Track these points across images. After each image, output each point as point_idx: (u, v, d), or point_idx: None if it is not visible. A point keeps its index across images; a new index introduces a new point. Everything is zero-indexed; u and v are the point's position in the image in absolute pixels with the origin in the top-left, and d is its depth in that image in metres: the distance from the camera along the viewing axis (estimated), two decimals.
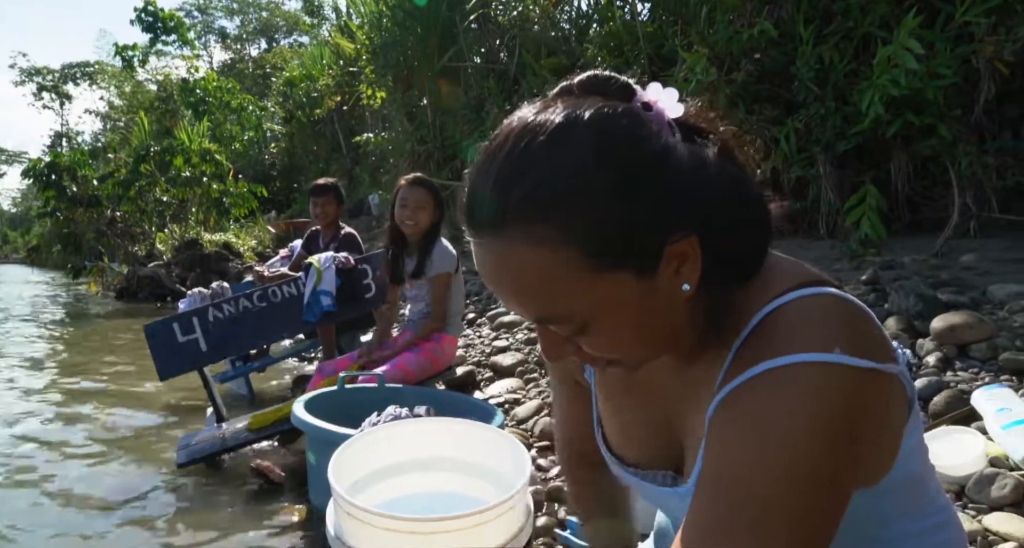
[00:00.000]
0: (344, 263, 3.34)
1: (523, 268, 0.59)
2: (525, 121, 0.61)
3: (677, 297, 0.63)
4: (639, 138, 0.60)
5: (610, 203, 0.57)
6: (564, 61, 6.17)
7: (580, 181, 0.57)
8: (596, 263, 0.59)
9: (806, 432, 0.56)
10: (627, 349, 0.66)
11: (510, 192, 0.58)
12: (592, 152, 0.58)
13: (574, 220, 0.57)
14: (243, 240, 11.97)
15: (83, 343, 6.98)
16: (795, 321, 0.61)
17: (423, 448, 1.70)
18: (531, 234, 0.58)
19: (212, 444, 2.86)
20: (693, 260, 0.62)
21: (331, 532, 1.37)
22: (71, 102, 42.71)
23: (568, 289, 0.60)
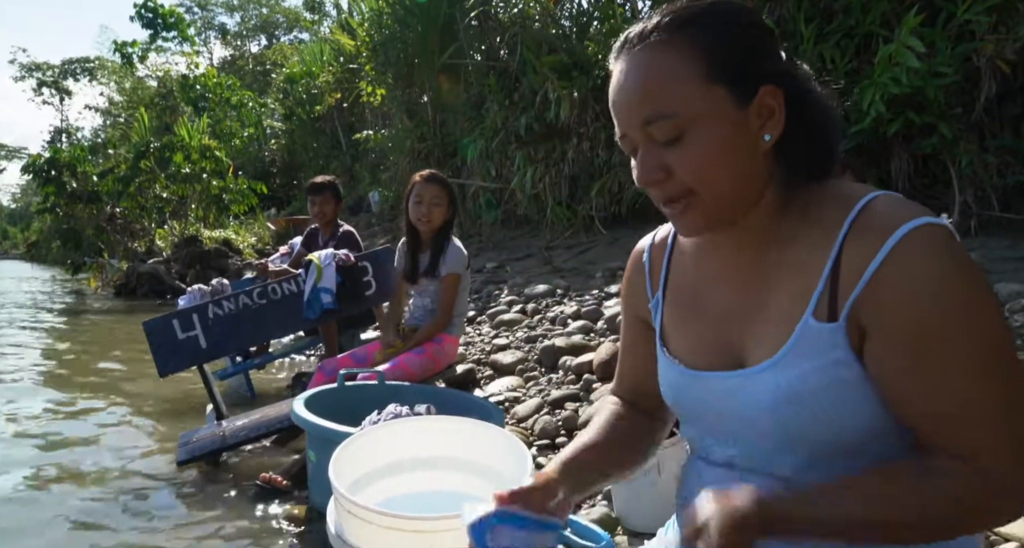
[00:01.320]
0: (344, 260, 3.34)
1: (655, 66, 0.76)
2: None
3: (760, 144, 0.76)
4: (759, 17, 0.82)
5: (732, 34, 0.76)
6: (565, 59, 6.16)
7: (716, 15, 0.77)
8: (709, 73, 0.74)
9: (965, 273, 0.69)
10: (712, 171, 0.76)
11: (666, 15, 0.77)
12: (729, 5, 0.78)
13: (703, 36, 0.75)
14: (243, 237, 11.97)
15: (82, 339, 6.98)
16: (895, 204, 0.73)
17: (424, 447, 1.69)
18: (669, 43, 0.76)
19: (212, 442, 2.86)
20: (777, 115, 0.76)
21: (332, 531, 1.37)
22: (71, 98, 42.66)
23: (682, 87, 0.74)
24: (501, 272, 5.80)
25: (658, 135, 0.76)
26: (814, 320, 0.74)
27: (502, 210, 7.45)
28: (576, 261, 5.39)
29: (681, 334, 0.91)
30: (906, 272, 0.68)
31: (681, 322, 0.91)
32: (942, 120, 3.55)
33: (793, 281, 0.78)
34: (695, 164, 0.76)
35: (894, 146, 3.86)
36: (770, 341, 0.78)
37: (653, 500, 1.78)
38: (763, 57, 0.77)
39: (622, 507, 1.84)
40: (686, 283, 0.92)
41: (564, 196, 6.27)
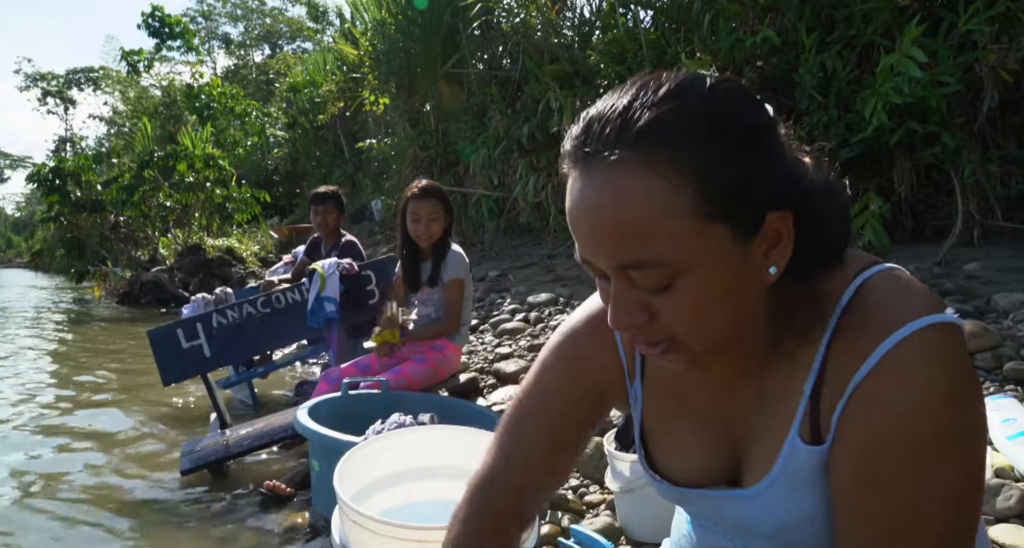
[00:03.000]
0: (348, 269, 3.35)
1: (635, 200, 0.58)
2: (642, 77, 0.64)
3: (762, 278, 0.63)
4: (760, 107, 0.64)
5: (729, 152, 0.59)
6: (567, 68, 6.18)
7: (705, 125, 0.59)
8: (707, 209, 0.58)
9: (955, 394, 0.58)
10: (702, 320, 0.63)
11: (637, 120, 0.59)
12: (719, 102, 0.60)
13: (694, 160, 0.58)
14: (246, 245, 11.99)
15: (86, 348, 6.98)
16: (890, 294, 0.63)
17: (427, 456, 1.70)
18: (653, 163, 0.58)
19: (216, 450, 2.86)
20: (785, 242, 0.62)
21: (337, 540, 1.37)
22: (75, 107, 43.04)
23: (673, 230, 0.58)
24: (503, 281, 5.80)
25: (640, 281, 0.62)
26: (800, 442, 0.66)
27: (504, 219, 7.46)
28: (578, 269, 5.39)
29: (667, 443, 0.81)
30: (888, 387, 0.59)
31: (667, 427, 0.80)
32: (944, 129, 3.56)
33: (779, 396, 0.69)
34: (685, 313, 0.62)
35: (896, 155, 3.86)
36: (761, 462, 0.71)
37: (657, 510, 1.78)
38: (772, 176, 0.61)
39: (626, 517, 1.84)
40: (667, 381, 0.79)
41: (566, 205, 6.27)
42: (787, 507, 0.68)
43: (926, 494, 0.59)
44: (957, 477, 0.59)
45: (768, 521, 0.70)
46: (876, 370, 0.60)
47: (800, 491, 0.67)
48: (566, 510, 2.00)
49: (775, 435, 0.69)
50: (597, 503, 2.04)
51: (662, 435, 0.81)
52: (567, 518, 1.95)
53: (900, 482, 0.59)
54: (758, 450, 0.71)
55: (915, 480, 0.59)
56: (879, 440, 0.60)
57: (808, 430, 0.66)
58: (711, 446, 0.76)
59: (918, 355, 0.59)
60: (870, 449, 0.60)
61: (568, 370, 0.84)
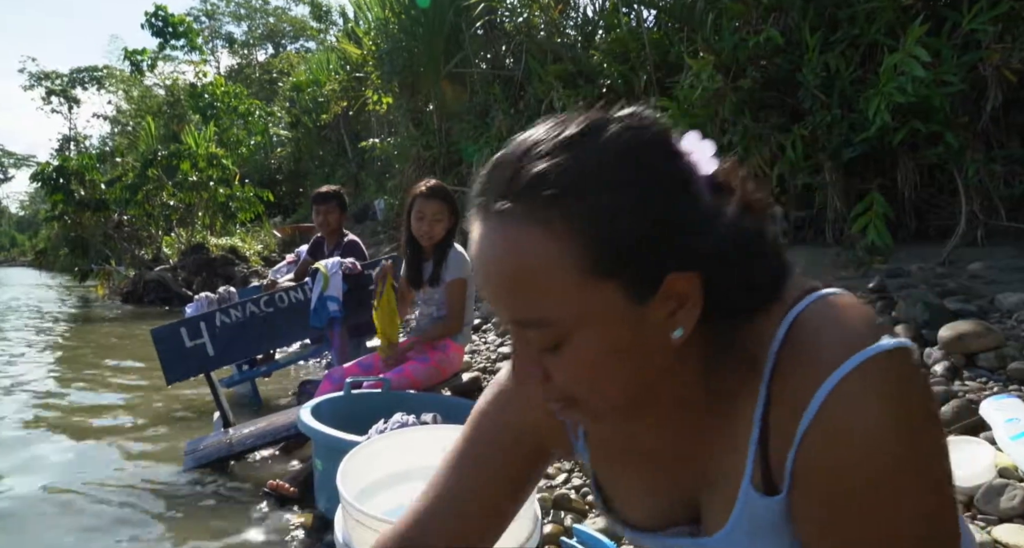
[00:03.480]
0: (351, 269, 3.36)
1: (519, 253, 0.56)
2: (556, 118, 0.60)
3: (666, 342, 0.59)
4: (669, 153, 0.59)
5: (624, 206, 0.55)
6: (570, 68, 6.18)
7: (600, 175, 0.55)
8: (593, 266, 0.55)
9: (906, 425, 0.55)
10: (596, 383, 0.60)
11: (528, 169, 0.56)
12: (620, 151, 0.57)
13: (583, 213, 0.55)
14: (249, 244, 12.01)
15: (89, 346, 7.00)
16: (821, 332, 0.59)
17: (430, 455, 1.70)
18: (536, 216, 0.55)
19: (219, 449, 2.87)
20: (692, 304, 0.58)
21: (340, 539, 1.38)
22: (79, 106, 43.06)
23: (557, 287, 0.56)
24: None
25: (531, 339, 0.60)
26: (754, 492, 0.62)
27: None
28: None
29: (621, 490, 0.77)
30: (835, 431, 0.55)
31: (619, 476, 0.77)
32: (948, 129, 3.55)
33: (726, 445, 0.65)
34: (577, 376, 0.60)
35: (900, 155, 3.86)
36: (719, 510, 0.67)
37: None
38: (675, 233, 0.56)
39: None
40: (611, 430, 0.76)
41: None
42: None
43: (897, 530, 0.56)
44: (925, 506, 0.56)
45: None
46: (819, 415, 0.56)
47: (763, 540, 0.64)
48: (569, 510, 2.01)
49: (730, 483, 0.65)
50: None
51: (614, 479, 0.78)
52: (570, 517, 1.95)
53: (868, 523, 0.56)
54: (714, 498, 0.68)
55: (883, 519, 0.56)
56: (837, 486, 0.56)
57: (761, 479, 0.62)
58: (666, 490, 0.73)
59: (860, 392, 0.55)
60: (830, 496, 0.57)
61: (504, 417, 0.80)
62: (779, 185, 4.29)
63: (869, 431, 0.54)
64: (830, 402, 0.55)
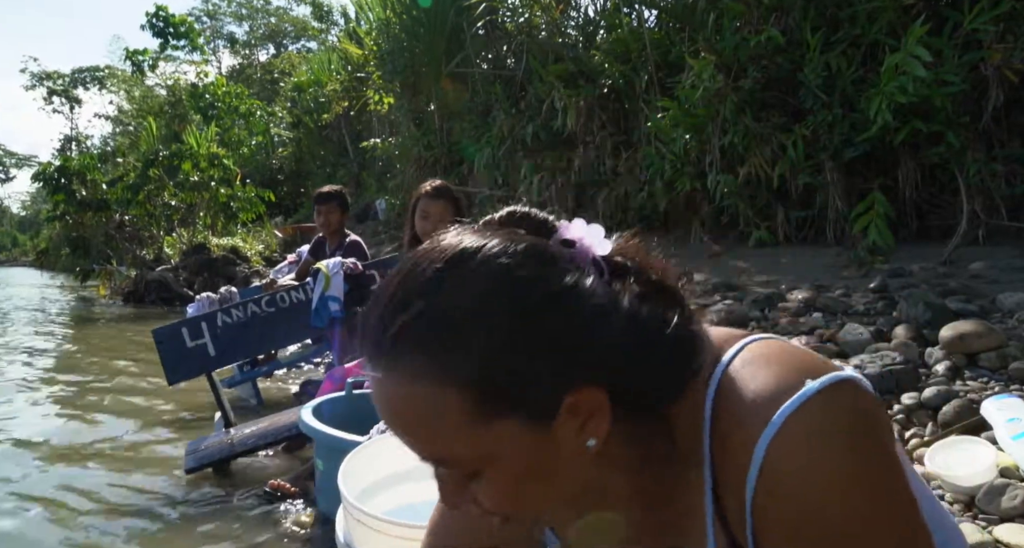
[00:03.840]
0: (352, 269, 3.36)
1: (404, 404, 0.55)
2: (432, 246, 0.58)
3: (583, 453, 0.58)
4: (537, 278, 0.56)
5: (494, 345, 0.53)
6: (571, 67, 6.18)
7: (464, 316, 0.53)
8: (480, 409, 0.53)
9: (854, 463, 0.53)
10: (522, 504, 0.59)
11: (393, 321, 0.55)
12: (483, 287, 0.54)
13: (454, 359, 0.53)
14: (250, 244, 12.01)
15: (90, 346, 7.01)
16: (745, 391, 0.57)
17: None
18: (410, 369, 0.54)
19: (220, 449, 2.87)
20: (600, 414, 0.56)
21: (341, 539, 1.38)
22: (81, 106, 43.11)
23: (451, 433, 0.54)
24: None
25: (446, 476, 0.60)
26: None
27: None
28: None
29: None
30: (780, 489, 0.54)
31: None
32: (949, 129, 3.55)
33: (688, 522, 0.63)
34: (500, 501, 0.59)
35: (901, 154, 3.86)
36: None
37: None
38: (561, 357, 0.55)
39: None
40: None
41: (571, 204, 6.29)
42: None
43: None
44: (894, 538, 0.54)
45: None
46: (763, 473, 0.54)
47: None
48: None
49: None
50: None
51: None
52: None
53: None
54: None
55: None
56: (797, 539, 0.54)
57: None
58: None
59: (798, 439, 0.53)
60: None
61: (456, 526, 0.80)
62: (780, 185, 4.29)
63: (816, 476, 0.52)
64: (770, 457, 0.53)
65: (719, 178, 4.51)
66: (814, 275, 3.66)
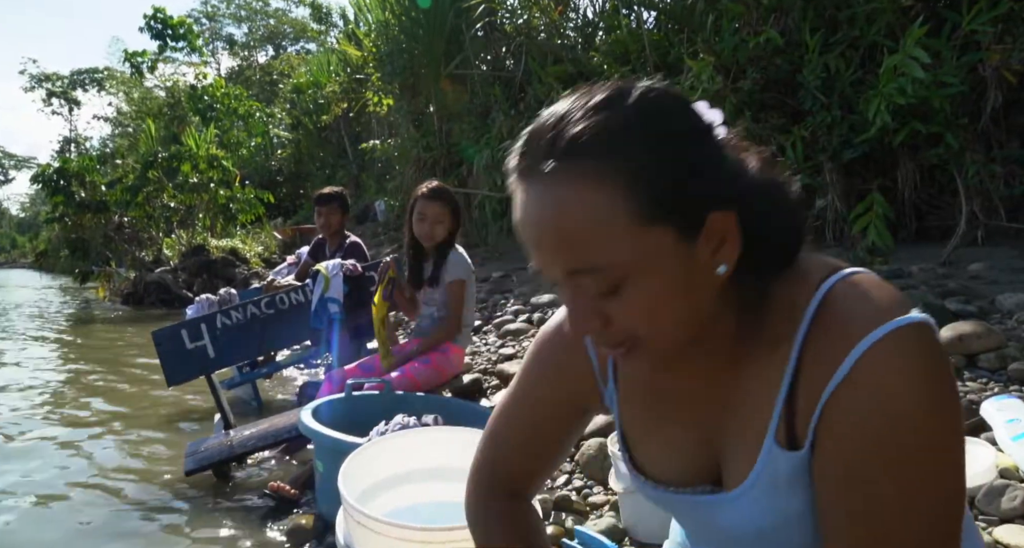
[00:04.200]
0: (352, 270, 3.36)
1: (570, 209, 0.60)
2: (580, 90, 0.64)
3: (713, 280, 0.64)
4: (692, 110, 0.65)
5: (663, 156, 0.60)
6: (570, 69, 6.18)
7: (638, 131, 0.60)
8: (643, 213, 0.59)
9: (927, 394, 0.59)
10: (657, 320, 0.64)
11: (571, 129, 0.60)
12: (648, 109, 0.62)
13: (628, 165, 0.59)
14: (249, 246, 12.01)
15: (89, 348, 7.01)
16: (857, 298, 0.63)
17: (432, 457, 1.70)
18: (585, 172, 0.59)
19: (220, 451, 2.87)
20: (732, 240, 0.63)
21: (341, 541, 1.38)
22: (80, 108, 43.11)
23: (612, 235, 0.60)
24: (507, 282, 5.80)
25: (589, 286, 0.63)
26: (777, 447, 0.67)
27: (508, 219, 7.46)
28: None
29: (647, 444, 0.82)
30: (863, 392, 0.60)
31: (644, 429, 0.81)
32: (948, 130, 3.55)
33: (752, 400, 0.69)
34: (638, 315, 0.63)
35: (900, 156, 3.86)
36: (739, 464, 0.71)
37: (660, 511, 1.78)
38: (708, 176, 0.62)
39: (629, 518, 1.84)
40: (640, 381, 0.80)
41: None
42: (768, 511, 0.68)
43: (909, 495, 0.59)
44: (939, 475, 0.60)
45: (750, 525, 0.70)
46: (848, 378, 0.60)
47: (781, 495, 0.67)
48: (570, 511, 2.01)
49: (752, 438, 0.69)
50: (601, 504, 2.04)
51: (641, 436, 0.82)
52: (571, 519, 1.95)
53: (882, 485, 0.59)
54: (736, 453, 0.72)
55: (897, 482, 0.59)
56: (858, 446, 0.60)
57: (784, 435, 0.66)
58: (689, 447, 0.77)
59: (888, 360, 0.59)
60: (850, 455, 0.61)
61: (545, 375, 0.87)
62: None
63: (897, 395, 0.58)
64: (861, 364, 0.59)
65: None
66: None
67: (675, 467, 0.79)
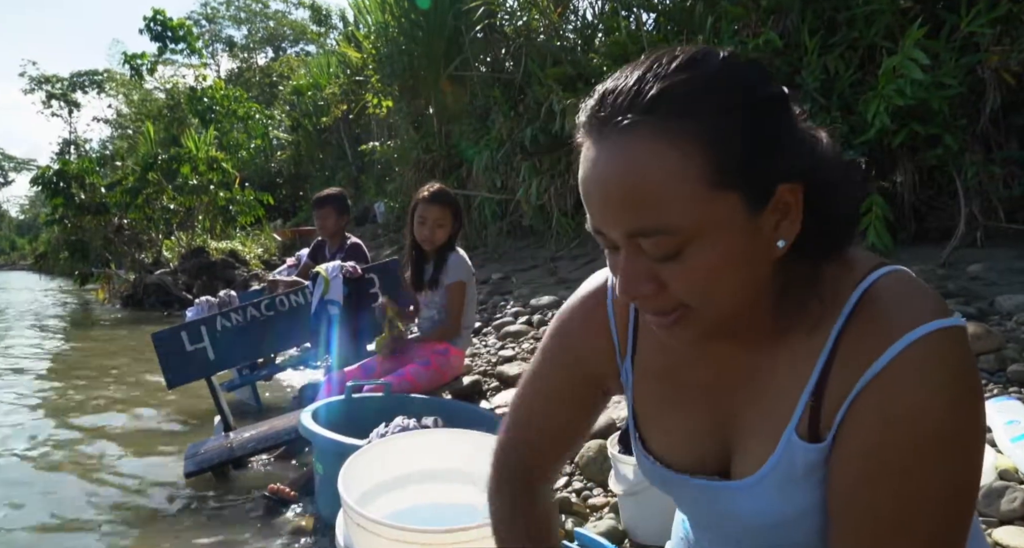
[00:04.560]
0: (351, 272, 3.36)
1: (644, 166, 0.58)
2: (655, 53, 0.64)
3: (772, 251, 0.63)
4: (770, 79, 0.64)
5: (742, 122, 0.59)
6: (570, 70, 6.19)
7: (719, 94, 0.59)
8: (716, 177, 0.58)
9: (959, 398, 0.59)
10: (713, 289, 0.63)
11: (650, 88, 0.59)
12: (729, 74, 0.61)
13: (708, 128, 0.58)
14: (249, 248, 12.01)
15: (89, 350, 7.00)
16: (901, 295, 0.63)
17: (431, 459, 1.70)
18: (665, 130, 0.58)
19: (220, 453, 2.87)
20: (794, 214, 0.62)
21: (341, 543, 1.38)
22: (79, 110, 43.04)
23: (683, 197, 0.58)
24: (506, 283, 5.81)
25: (649, 249, 0.62)
26: (797, 437, 0.66)
27: (507, 221, 7.47)
28: (581, 272, 5.40)
29: (658, 425, 0.81)
30: (894, 392, 0.60)
31: (658, 410, 0.80)
32: (947, 131, 3.55)
33: (779, 388, 0.68)
34: (695, 281, 0.62)
35: (899, 157, 3.86)
36: (755, 454, 0.70)
37: (660, 513, 1.78)
38: (784, 147, 0.61)
39: (629, 520, 1.84)
40: (659, 360, 0.79)
41: (570, 207, 6.29)
42: (778, 502, 0.68)
43: (923, 496, 0.59)
44: (956, 480, 0.60)
45: (756, 516, 0.70)
46: (885, 372, 0.60)
47: (793, 487, 0.67)
48: (570, 513, 2.01)
49: (771, 428, 0.68)
50: (601, 506, 2.04)
51: (653, 417, 0.81)
52: (571, 521, 1.96)
53: (900, 483, 0.60)
54: (751, 441, 0.71)
55: (915, 482, 0.59)
56: (884, 441, 0.60)
57: (807, 426, 0.66)
58: (701, 432, 0.76)
59: (927, 359, 0.59)
60: (874, 450, 0.61)
61: (564, 352, 0.87)
62: None
63: (928, 396, 0.58)
64: (896, 362, 0.59)
65: None
66: None
67: (685, 451, 0.78)
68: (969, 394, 0.60)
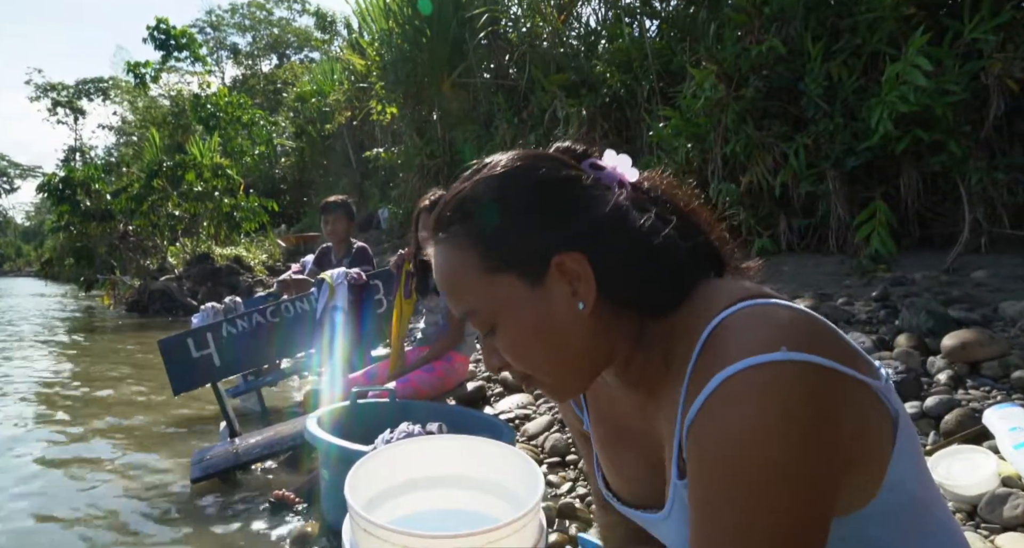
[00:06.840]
0: (356, 278, 3.37)
1: (443, 265, 0.75)
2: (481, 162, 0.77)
3: (577, 315, 0.70)
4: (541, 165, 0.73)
5: (501, 215, 0.71)
6: (573, 77, 6.21)
7: (480, 195, 0.72)
8: (487, 264, 0.71)
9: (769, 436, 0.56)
10: (528, 357, 0.73)
11: (445, 205, 0.75)
12: (499, 176, 0.73)
13: (473, 227, 0.72)
14: (254, 254, 12.05)
15: (94, 356, 7.02)
16: (736, 331, 0.62)
17: (437, 465, 1.70)
18: (453, 236, 0.73)
19: (226, 459, 2.88)
20: (585, 280, 0.69)
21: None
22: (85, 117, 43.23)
23: (471, 285, 0.72)
24: None
25: (477, 328, 0.75)
26: (676, 475, 0.70)
27: None
28: None
29: (610, 465, 0.89)
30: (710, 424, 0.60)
31: (607, 452, 0.89)
32: (951, 137, 3.56)
33: (667, 428, 0.72)
34: (513, 351, 0.73)
35: (903, 163, 3.87)
36: (664, 490, 0.75)
37: None
38: (545, 227, 0.70)
39: None
40: (602, 409, 0.89)
41: None
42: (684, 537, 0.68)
43: (746, 528, 0.58)
44: (778, 509, 0.57)
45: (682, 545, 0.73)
46: (703, 408, 0.61)
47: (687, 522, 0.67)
48: (573, 519, 2.01)
49: (669, 466, 0.72)
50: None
51: (606, 460, 0.90)
52: (575, 527, 1.96)
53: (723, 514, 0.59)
54: (662, 479, 0.76)
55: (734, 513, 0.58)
56: (704, 473, 0.60)
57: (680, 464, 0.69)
58: (640, 469, 0.82)
59: (737, 395, 0.58)
60: (698, 482, 0.61)
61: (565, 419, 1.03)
62: (782, 193, 4.31)
63: (737, 429, 0.58)
64: (713, 397, 0.60)
65: (721, 187, 4.52)
66: (817, 283, 3.67)
67: (633, 488, 0.86)
68: (786, 427, 0.56)
